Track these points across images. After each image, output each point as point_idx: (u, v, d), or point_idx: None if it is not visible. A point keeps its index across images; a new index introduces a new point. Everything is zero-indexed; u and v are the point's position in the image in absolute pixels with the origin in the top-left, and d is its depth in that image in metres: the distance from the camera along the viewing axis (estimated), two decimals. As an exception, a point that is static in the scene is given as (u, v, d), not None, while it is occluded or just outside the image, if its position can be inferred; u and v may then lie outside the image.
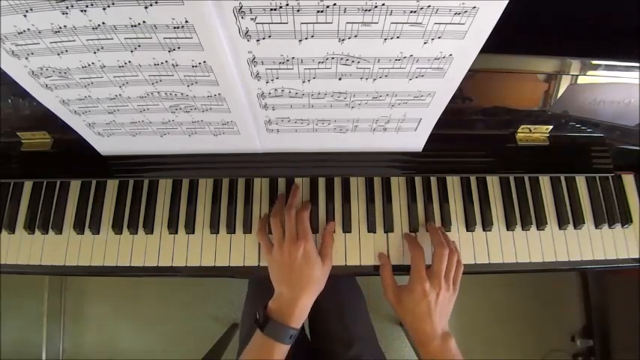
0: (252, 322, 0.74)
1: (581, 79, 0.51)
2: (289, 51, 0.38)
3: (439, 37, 0.37)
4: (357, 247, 0.60)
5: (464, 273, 0.57)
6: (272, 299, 0.54)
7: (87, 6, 0.33)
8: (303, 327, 0.76)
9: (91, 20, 0.34)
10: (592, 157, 0.63)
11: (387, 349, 1.31)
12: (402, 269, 0.59)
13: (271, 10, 0.33)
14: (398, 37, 0.37)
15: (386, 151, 0.59)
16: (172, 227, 0.61)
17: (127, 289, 1.36)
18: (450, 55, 0.39)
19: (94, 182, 0.64)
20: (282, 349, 0.52)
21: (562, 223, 0.62)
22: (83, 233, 0.61)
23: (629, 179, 0.65)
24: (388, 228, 0.61)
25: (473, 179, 0.64)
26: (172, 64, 0.40)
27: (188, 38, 0.36)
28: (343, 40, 0.37)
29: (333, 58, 0.39)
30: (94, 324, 1.36)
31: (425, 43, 0.37)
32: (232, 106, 0.47)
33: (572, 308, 1.36)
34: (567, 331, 1.34)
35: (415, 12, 0.34)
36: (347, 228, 0.61)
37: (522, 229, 0.62)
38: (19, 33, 0.36)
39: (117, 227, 0.61)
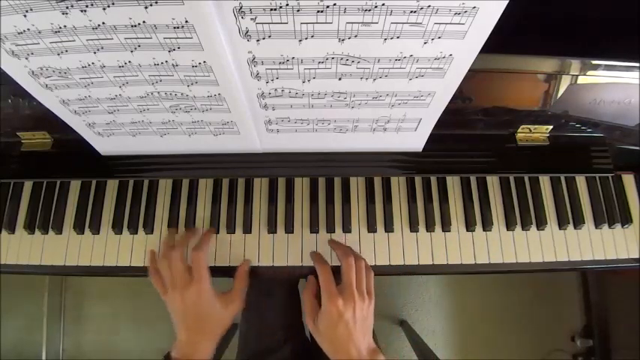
0: (250, 322, 0.74)
1: (581, 79, 0.51)
2: (289, 51, 0.38)
3: (439, 37, 0.37)
4: (357, 247, 0.60)
5: (465, 273, 0.57)
6: (173, 346, 0.52)
7: (87, 6, 0.33)
8: (303, 327, 0.77)
9: (91, 20, 0.34)
10: (592, 157, 0.63)
11: (387, 349, 1.32)
12: (403, 270, 0.59)
13: (271, 10, 0.33)
14: (398, 37, 0.37)
15: (386, 151, 0.59)
16: (172, 227, 0.61)
17: (127, 289, 1.36)
18: (450, 55, 0.39)
19: (94, 182, 0.64)
20: None
21: (562, 223, 0.62)
22: (83, 233, 0.61)
23: (629, 179, 0.65)
24: (388, 228, 0.61)
25: (473, 179, 0.64)
26: (172, 64, 0.40)
27: (188, 38, 0.36)
28: (343, 40, 0.37)
29: (333, 58, 0.39)
30: (94, 324, 1.36)
31: (425, 43, 0.37)
32: (232, 106, 0.47)
33: (572, 308, 1.36)
34: (567, 331, 1.34)
35: (415, 12, 0.34)
36: (347, 228, 0.61)
37: (522, 229, 0.61)
38: (19, 33, 0.36)
39: (117, 227, 0.61)
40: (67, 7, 0.33)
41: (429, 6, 0.33)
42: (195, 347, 0.51)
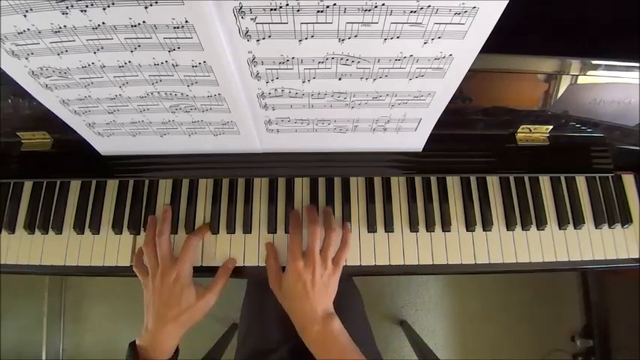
0: (250, 322, 0.74)
1: (581, 79, 0.51)
2: (289, 51, 0.38)
3: (439, 37, 0.37)
4: (357, 247, 0.60)
5: (465, 273, 0.57)
6: (140, 335, 0.53)
7: (87, 6, 0.33)
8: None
9: (91, 20, 0.34)
10: (592, 157, 0.63)
11: (387, 349, 1.32)
12: (403, 270, 0.60)
13: (271, 10, 0.33)
14: (398, 37, 0.37)
15: (386, 151, 0.59)
16: (172, 227, 0.61)
17: (127, 289, 1.36)
18: (450, 55, 0.39)
19: (94, 182, 0.64)
20: None
21: (562, 223, 0.62)
22: (83, 233, 0.61)
23: (629, 179, 0.65)
24: (388, 228, 0.61)
25: (473, 179, 0.64)
26: (172, 64, 0.40)
27: (188, 38, 0.36)
28: (343, 40, 0.37)
29: (333, 58, 0.39)
30: (94, 324, 1.36)
31: (425, 43, 0.37)
32: (232, 106, 0.47)
33: (572, 308, 1.36)
34: (567, 331, 1.34)
35: (415, 12, 0.34)
36: (347, 228, 0.61)
37: (522, 229, 0.61)
38: (19, 33, 0.36)
39: (117, 227, 0.61)
40: (67, 7, 0.33)
41: (429, 6, 0.33)
42: (160, 332, 0.51)
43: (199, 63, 0.39)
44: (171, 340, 0.52)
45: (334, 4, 0.33)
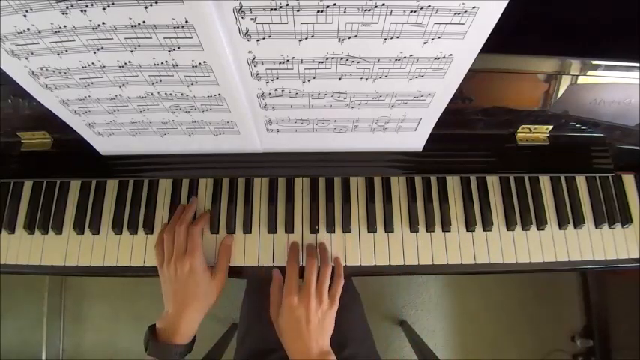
0: (249, 322, 0.74)
1: (581, 79, 0.51)
2: (289, 51, 0.38)
3: (439, 37, 0.37)
4: (357, 247, 0.60)
5: (465, 273, 0.57)
6: (159, 318, 0.54)
7: (87, 6, 0.33)
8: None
9: (91, 20, 0.35)
10: (592, 157, 0.63)
11: (387, 349, 1.32)
12: (403, 270, 0.60)
13: (271, 10, 0.33)
14: (398, 37, 0.37)
15: (386, 151, 0.59)
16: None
17: (127, 289, 1.36)
18: (450, 55, 0.39)
19: (94, 182, 0.64)
20: None
21: (562, 223, 0.62)
22: (83, 233, 0.61)
23: (629, 179, 0.65)
24: (388, 228, 0.61)
25: (473, 179, 0.64)
26: (172, 64, 0.40)
27: (188, 38, 0.36)
28: (343, 40, 0.37)
29: (333, 58, 0.39)
30: (94, 324, 1.36)
31: (425, 43, 0.37)
32: (232, 106, 0.47)
33: (572, 308, 1.36)
34: (567, 331, 1.34)
35: (415, 12, 0.34)
36: (347, 228, 0.61)
37: (522, 229, 0.61)
38: (19, 33, 0.36)
39: (117, 227, 0.61)
40: (67, 7, 0.33)
41: (429, 6, 0.33)
42: (180, 317, 0.52)
43: (199, 63, 0.39)
44: (192, 324, 0.54)
45: (334, 4, 0.33)
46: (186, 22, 0.34)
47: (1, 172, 0.63)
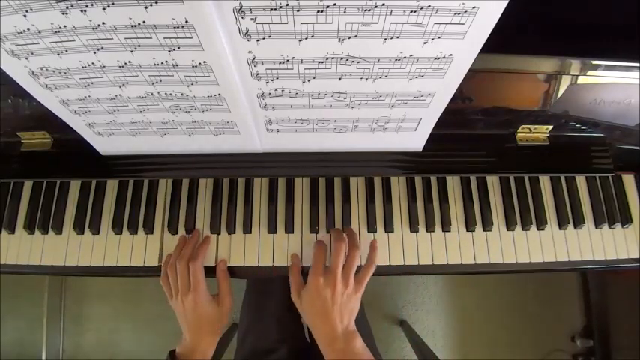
0: (249, 321, 0.74)
1: (581, 79, 0.51)
2: (289, 51, 0.38)
3: (439, 37, 0.37)
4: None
5: (465, 273, 0.57)
6: (179, 344, 0.56)
7: (87, 6, 0.33)
8: (302, 327, 0.77)
9: (91, 20, 0.34)
10: (592, 157, 0.63)
11: (387, 349, 1.32)
12: (403, 270, 0.59)
13: (271, 10, 0.33)
14: (398, 37, 0.37)
15: (386, 151, 0.59)
16: (172, 227, 0.61)
17: (127, 289, 1.36)
18: (450, 55, 0.39)
19: (94, 182, 0.64)
20: None
21: (562, 223, 0.62)
22: (83, 233, 0.61)
23: (629, 179, 0.65)
24: (388, 228, 0.61)
25: (473, 179, 0.64)
26: (172, 64, 0.40)
27: (188, 38, 0.36)
28: (343, 40, 0.37)
29: (333, 58, 0.39)
30: (94, 324, 1.36)
31: (425, 43, 0.37)
32: (232, 106, 0.47)
33: (572, 308, 1.36)
34: (567, 331, 1.34)
35: (415, 12, 0.34)
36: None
37: (522, 229, 0.61)
38: (19, 33, 0.36)
39: (117, 227, 0.61)
40: (67, 7, 0.33)
41: (429, 6, 0.33)
42: (197, 343, 0.55)
43: (199, 63, 0.39)
44: (210, 346, 0.56)
45: (334, 4, 0.33)
46: (186, 22, 0.34)
47: (1, 172, 0.63)
